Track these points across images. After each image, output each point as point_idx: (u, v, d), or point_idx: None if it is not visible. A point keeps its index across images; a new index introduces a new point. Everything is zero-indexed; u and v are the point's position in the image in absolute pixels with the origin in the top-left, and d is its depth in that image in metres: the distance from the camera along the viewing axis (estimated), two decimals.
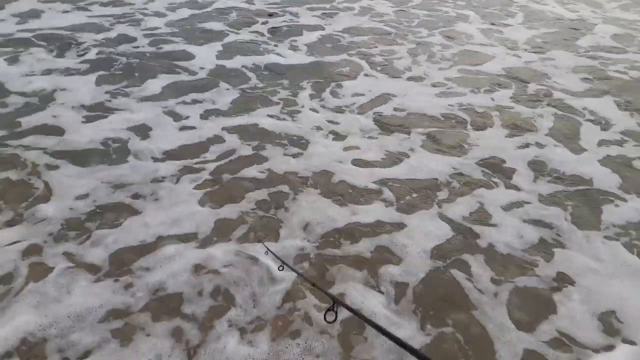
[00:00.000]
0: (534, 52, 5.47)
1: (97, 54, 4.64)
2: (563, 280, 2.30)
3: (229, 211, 2.62)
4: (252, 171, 2.99)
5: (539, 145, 3.55)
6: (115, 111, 3.64)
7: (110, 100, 3.79)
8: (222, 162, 3.08)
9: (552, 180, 3.13)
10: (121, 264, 2.24)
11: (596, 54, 5.48)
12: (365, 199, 2.80)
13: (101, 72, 4.26)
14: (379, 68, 4.79)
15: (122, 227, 2.46)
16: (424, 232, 2.54)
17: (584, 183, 3.12)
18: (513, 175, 3.16)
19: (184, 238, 2.41)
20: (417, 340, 1.94)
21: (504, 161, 3.32)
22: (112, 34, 5.18)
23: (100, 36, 5.09)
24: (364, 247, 2.42)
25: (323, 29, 5.83)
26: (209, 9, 6.26)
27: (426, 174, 3.10)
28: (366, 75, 4.61)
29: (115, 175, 2.88)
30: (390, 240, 2.47)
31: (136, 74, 4.29)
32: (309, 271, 2.25)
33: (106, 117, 3.55)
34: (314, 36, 5.55)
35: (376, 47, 5.35)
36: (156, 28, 5.47)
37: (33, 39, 4.89)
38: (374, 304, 2.08)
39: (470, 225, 2.63)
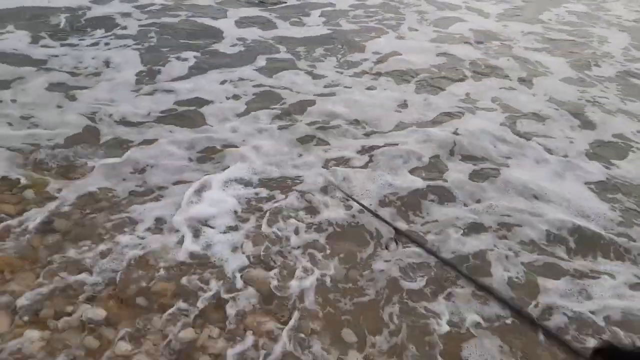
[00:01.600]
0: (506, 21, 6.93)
1: (121, 29, 5.47)
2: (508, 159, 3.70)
3: (304, 135, 3.86)
4: (314, 115, 4.14)
5: (507, 89, 4.94)
6: (166, 85, 4.33)
7: (157, 74, 4.56)
8: (283, 107, 4.22)
9: (511, 112, 4.50)
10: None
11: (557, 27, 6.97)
12: (384, 126, 4.10)
13: (136, 47, 5.06)
14: (388, 31, 6.19)
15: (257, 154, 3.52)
16: (423, 140, 3.89)
17: (534, 114, 4.49)
18: (483, 108, 4.51)
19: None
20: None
21: (477, 100, 4.68)
22: (114, 12, 5.93)
23: (109, 13, 5.85)
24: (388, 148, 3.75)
25: (333, 5, 7.06)
26: None
27: (425, 109, 4.43)
28: (378, 37, 5.98)
29: (206, 134, 3.70)
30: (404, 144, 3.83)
31: (165, 49, 5.11)
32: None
33: (157, 91, 4.27)
34: (322, 11, 6.76)
35: (382, 15, 6.80)
36: (152, 4, 6.33)
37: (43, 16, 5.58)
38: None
39: (450, 139, 3.96)
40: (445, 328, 2.34)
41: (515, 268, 2.72)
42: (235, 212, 2.95)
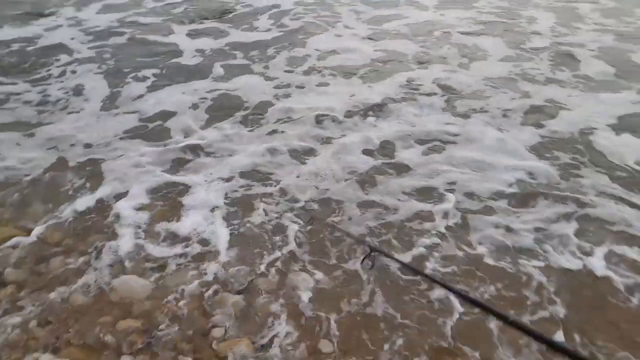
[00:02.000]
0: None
1: (77, 54, 5.74)
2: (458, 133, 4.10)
3: (268, 131, 4.20)
4: (275, 113, 4.50)
5: (447, 72, 5.37)
6: (131, 105, 4.63)
7: (120, 96, 4.78)
8: (245, 109, 4.57)
9: (452, 93, 4.93)
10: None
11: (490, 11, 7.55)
12: (338, 115, 4.43)
13: (98, 72, 5.30)
14: (328, 28, 6.63)
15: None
16: (374, 125, 4.28)
17: (475, 94, 4.91)
18: (427, 92, 4.93)
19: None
20: None
21: (421, 85, 5.09)
22: (65, 38, 6.20)
23: (59, 41, 6.10)
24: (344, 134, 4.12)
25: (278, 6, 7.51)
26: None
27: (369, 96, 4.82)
28: (320, 35, 6.43)
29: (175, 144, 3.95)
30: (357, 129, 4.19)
31: (125, 70, 5.34)
32: None
33: (123, 112, 4.49)
34: (270, 14, 7.21)
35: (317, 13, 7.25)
36: (97, 26, 6.62)
37: None
38: None
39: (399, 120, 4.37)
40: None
41: (456, 217, 3.13)
42: (209, 223, 3.05)
